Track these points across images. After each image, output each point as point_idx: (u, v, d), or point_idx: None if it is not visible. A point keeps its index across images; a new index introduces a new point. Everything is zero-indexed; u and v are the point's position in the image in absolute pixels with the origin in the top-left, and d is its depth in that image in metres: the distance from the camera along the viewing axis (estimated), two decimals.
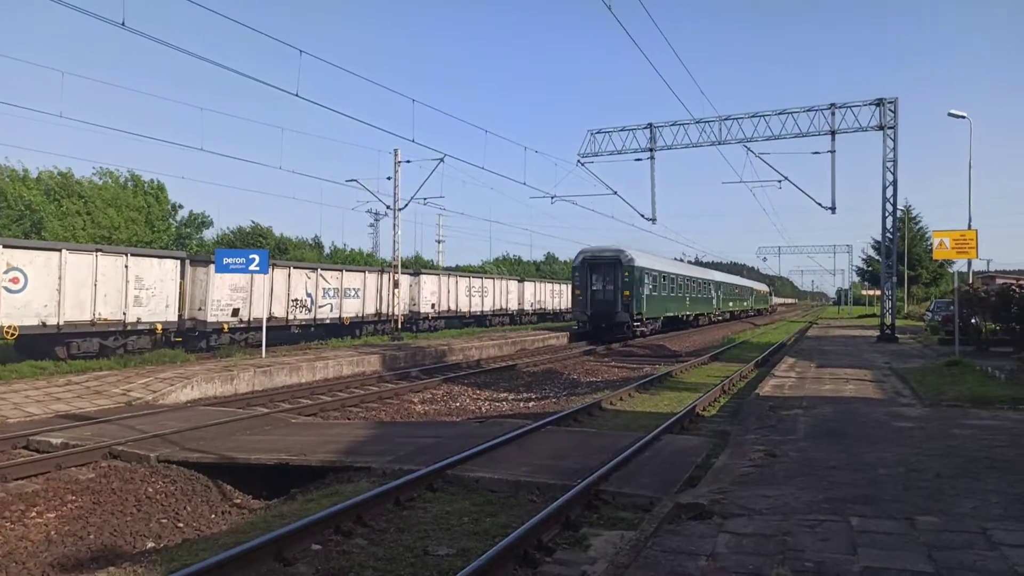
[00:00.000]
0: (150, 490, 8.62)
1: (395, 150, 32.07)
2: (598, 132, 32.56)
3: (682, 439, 10.39)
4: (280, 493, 8.79)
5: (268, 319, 23.63)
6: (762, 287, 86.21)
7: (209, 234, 54.25)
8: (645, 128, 31.81)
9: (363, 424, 12.60)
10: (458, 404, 15.99)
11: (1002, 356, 18.98)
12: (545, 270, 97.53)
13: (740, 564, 4.67)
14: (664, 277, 37.81)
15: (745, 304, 67.36)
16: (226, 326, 23.63)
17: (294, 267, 27.54)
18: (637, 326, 32.81)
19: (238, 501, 8.93)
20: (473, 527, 6.45)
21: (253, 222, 52.95)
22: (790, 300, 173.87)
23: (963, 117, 30.10)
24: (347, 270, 30.90)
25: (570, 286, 36.38)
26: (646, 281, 33.89)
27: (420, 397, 16.55)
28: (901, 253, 48.08)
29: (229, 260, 20.76)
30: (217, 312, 23.29)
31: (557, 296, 52.38)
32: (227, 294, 23.64)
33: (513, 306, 44.97)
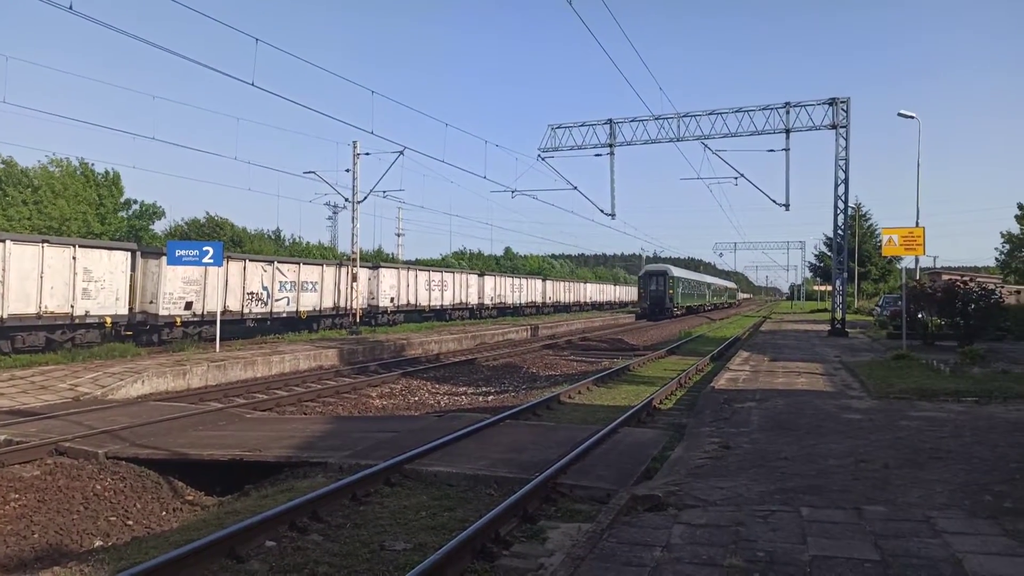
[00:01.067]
0: (98, 487, 8.39)
1: (354, 142, 31.64)
2: (559, 127, 32.63)
3: (639, 432, 10.51)
4: (234, 490, 8.64)
5: (222, 313, 23.19)
6: (732, 285, 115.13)
7: (161, 225, 53.06)
8: (605, 124, 31.97)
9: (320, 419, 12.46)
10: (417, 398, 15.92)
11: (946, 350, 19.60)
12: (505, 264, 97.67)
13: (694, 554, 4.74)
14: (687, 282, 62.08)
15: (723, 298, 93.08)
16: (179, 320, 23.12)
17: (250, 260, 27.05)
18: (675, 311, 55.87)
19: (190, 498, 8.76)
20: (430, 521, 6.43)
21: (208, 213, 51.87)
22: (746, 295, 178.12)
23: (912, 117, 30.94)
24: (304, 263, 30.48)
25: (636, 287, 62.85)
26: (679, 285, 57.56)
27: (378, 392, 16.43)
28: (852, 250, 49.31)
29: (182, 252, 20.33)
30: (169, 305, 22.77)
31: (518, 291, 52.40)
32: (180, 287, 23.12)
33: (473, 300, 44.90)
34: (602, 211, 33.52)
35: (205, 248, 20.32)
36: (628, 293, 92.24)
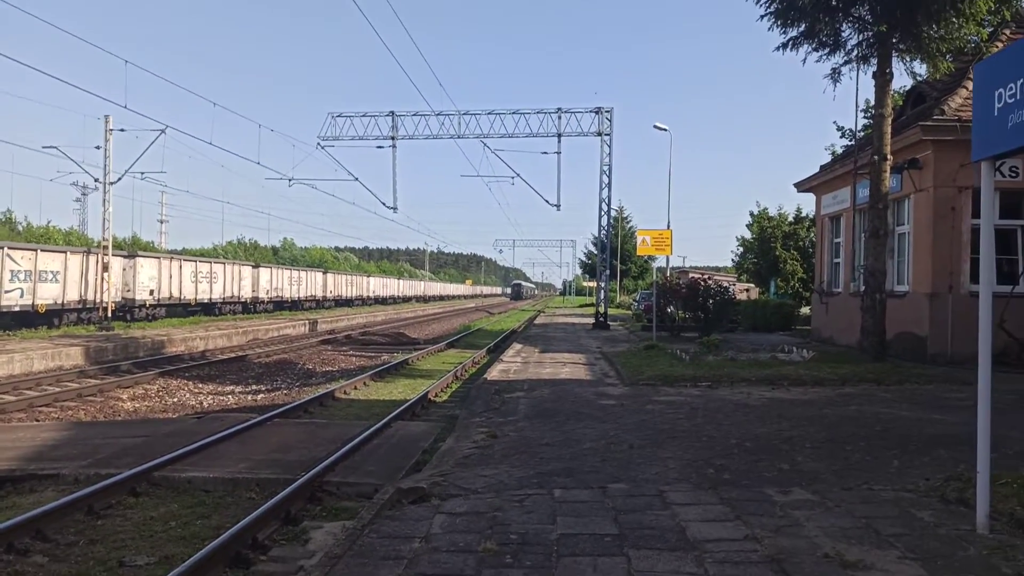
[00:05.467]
0: None
1: (106, 116, 28.50)
2: (339, 116, 31.94)
3: (412, 425, 10.59)
4: None
5: None
6: (533, 285, 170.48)
7: None
8: (387, 116, 31.83)
9: (55, 426, 11.09)
10: (176, 400, 14.73)
11: (690, 340, 21.98)
12: (284, 256, 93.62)
13: (452, 543, 4.87)
14: (527, 286, 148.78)
15: (535, 293, 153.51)
16: None
17: None
18: (525, 298, 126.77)
19: None
20: (181, 532, 6.00)
21: None
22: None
23: (665, 130, 34.26)
24: (43, 250, 26.90)
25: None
26: (524, 288, 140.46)
27: (130, 393, 14.97)
28: (615, 249, 53.56)
29: None
30: None
31: (296, 284, 50.31)
32: None
33: (247, 293, 42.44)
34: (384, 204, 33.49)
35: None
36: (412, 287, 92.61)
